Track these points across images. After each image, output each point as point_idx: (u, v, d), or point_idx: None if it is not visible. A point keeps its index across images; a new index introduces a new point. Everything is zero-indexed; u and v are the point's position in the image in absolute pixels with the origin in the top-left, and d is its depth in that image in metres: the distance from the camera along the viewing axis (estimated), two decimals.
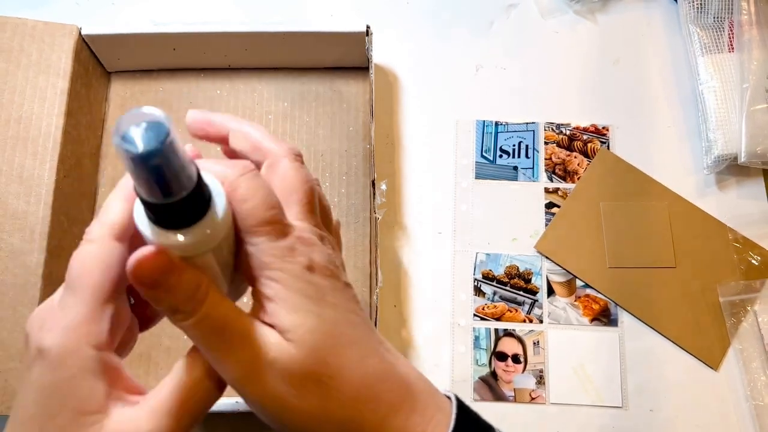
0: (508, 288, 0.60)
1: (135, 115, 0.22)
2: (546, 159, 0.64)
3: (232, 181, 0.26)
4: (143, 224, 0.25)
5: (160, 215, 0.24)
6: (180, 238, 0.25)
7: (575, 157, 0.64)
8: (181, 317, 0.26)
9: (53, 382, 0.25)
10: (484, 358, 0.58)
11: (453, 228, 0.62)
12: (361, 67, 0.65)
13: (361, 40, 0.60)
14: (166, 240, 0.25)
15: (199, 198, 0.25)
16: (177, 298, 0.25)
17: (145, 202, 0.24)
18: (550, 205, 0.63)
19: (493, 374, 0.57)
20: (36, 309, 0.28)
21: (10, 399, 0.50)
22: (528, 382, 0.57)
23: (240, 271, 0.29)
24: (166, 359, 0.57)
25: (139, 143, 0.21)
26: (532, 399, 0.57)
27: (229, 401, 0.49)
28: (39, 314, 0.27)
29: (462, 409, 0.30)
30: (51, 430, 0.25)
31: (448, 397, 0.31)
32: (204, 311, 0.26)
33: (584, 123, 0.65)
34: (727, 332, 0.58)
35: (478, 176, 0.64)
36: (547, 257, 0.61)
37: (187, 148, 0.27)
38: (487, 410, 0.56)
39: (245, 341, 0.26)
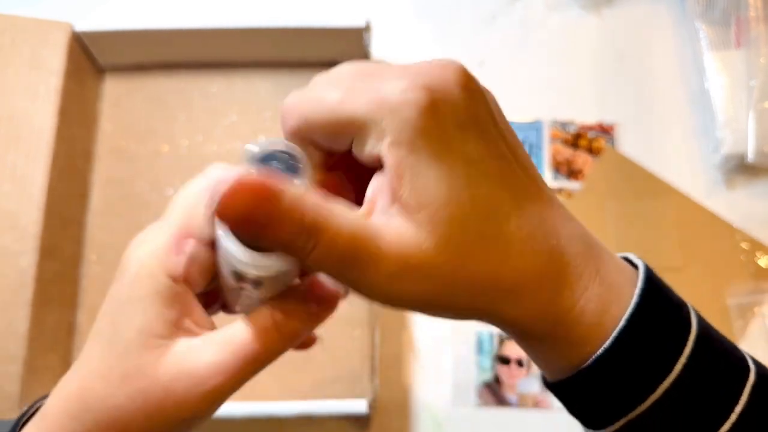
0: None
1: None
2: (551, 157, 0.63)
3: None
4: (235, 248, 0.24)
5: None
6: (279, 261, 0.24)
7: (580, 156, 0.63)
8: (299, 254, 0.23)
9: (126, 298, 0.26)
10: (488, 362, 0.57)
11: None
12: None
13: (360, 35, 0.59)
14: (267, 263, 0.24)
15: None
16: (284, 235, 0.22)
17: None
18: None
19: (497, 379, 0.56)
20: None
21: (3, 403, 0.49)
22: (532, 386, 0.56)
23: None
24: None
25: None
26: (537, 404, 0.56)
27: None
28: (143, 232, 0.27)
29: (650, 283, 0.27)
30: (117, 343, 0.26)
31: (632, 263, 0.28)
32: (326, 240, 0.22)
33: (590, 121, 0.64)
34: (735, 335, 0.58)
35: None
36: None
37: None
38: (490, 416, 0.55)
39: (378, 255, 0.23)
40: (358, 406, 0.50)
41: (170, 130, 0.63)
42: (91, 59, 0.62)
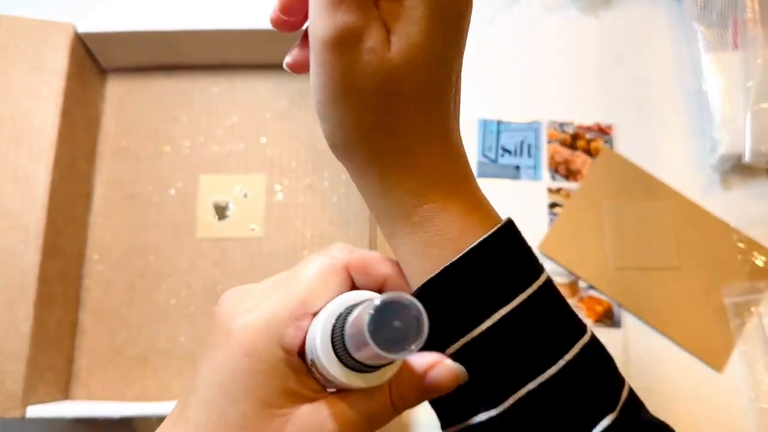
0: None
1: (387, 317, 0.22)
2: (549, 158, 0.63)
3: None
4: (331, 364, 0.25)
5: (361, 368, 0.25)
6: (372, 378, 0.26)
7: (578, 156, 0.64)
8: None
9: (241, 369, 0.25)
10: None
11: None
12: None
13: None
14: (357, 381, 0.25)
15: None
16: None
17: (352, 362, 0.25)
18: (552, 205, 0.62)
19: None
20: (237, 287, 0.28)
21: (6, 401, 0.49)
22: None
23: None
24: (163, 362, 0.57)
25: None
26: None
27: None
28: (240, 291, 0.27)
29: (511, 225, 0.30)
30: (233, 415, 0.25)
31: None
32: None
33: (587, 121, 0.65)
34: (731, 334, 0.58)
35: (479, 175, 0.63)
36: (550, 258, 0.60)
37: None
38: None
39: (371, 16, 0.26)
40: None
41: (172, 131, 0.63)
42: (94, 60, 0.62)
